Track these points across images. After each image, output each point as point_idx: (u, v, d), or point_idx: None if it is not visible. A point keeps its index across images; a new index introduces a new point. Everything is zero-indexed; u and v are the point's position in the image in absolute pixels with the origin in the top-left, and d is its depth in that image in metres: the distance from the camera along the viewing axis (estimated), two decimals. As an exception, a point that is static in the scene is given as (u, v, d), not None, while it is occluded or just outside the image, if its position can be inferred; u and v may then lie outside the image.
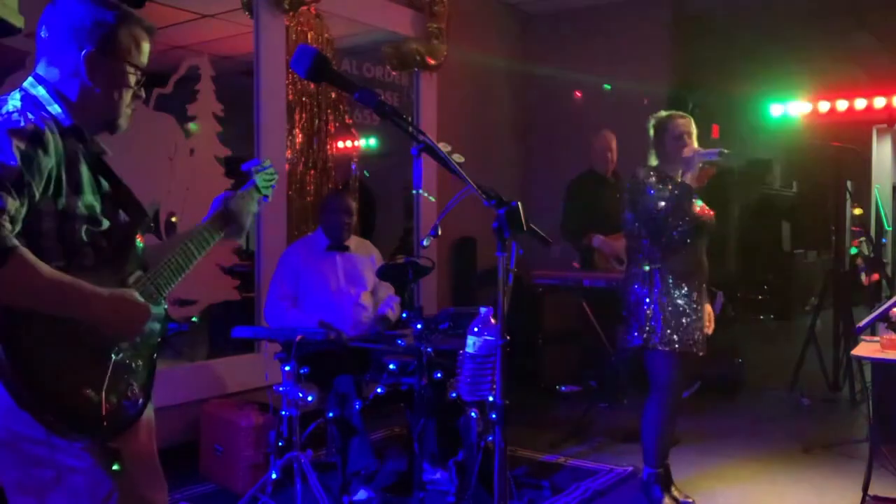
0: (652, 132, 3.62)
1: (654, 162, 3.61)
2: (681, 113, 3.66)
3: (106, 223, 1.71)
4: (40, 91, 1.69)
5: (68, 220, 1.63)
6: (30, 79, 1.73)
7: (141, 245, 1.80)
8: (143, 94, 1.83)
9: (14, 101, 1.64)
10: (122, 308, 1.63)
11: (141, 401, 1.72)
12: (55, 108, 1.67)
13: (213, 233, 1.97)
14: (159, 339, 1.81)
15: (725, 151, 3.42)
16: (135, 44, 1.76)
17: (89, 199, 1.68)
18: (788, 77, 6.08)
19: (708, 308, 3.70)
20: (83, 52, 1.68)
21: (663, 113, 3.64)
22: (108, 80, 1.73)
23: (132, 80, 1.77)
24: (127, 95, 1.78)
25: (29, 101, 1.66)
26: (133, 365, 1.71)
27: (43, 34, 1.72)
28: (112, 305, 1.61)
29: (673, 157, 3.54)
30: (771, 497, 3.92)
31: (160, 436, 1.86)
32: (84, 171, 1.68)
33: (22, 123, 1.56)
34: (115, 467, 1.62)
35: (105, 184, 1.77)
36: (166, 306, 1.82)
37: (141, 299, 1.67)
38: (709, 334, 3.63)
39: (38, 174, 1.54)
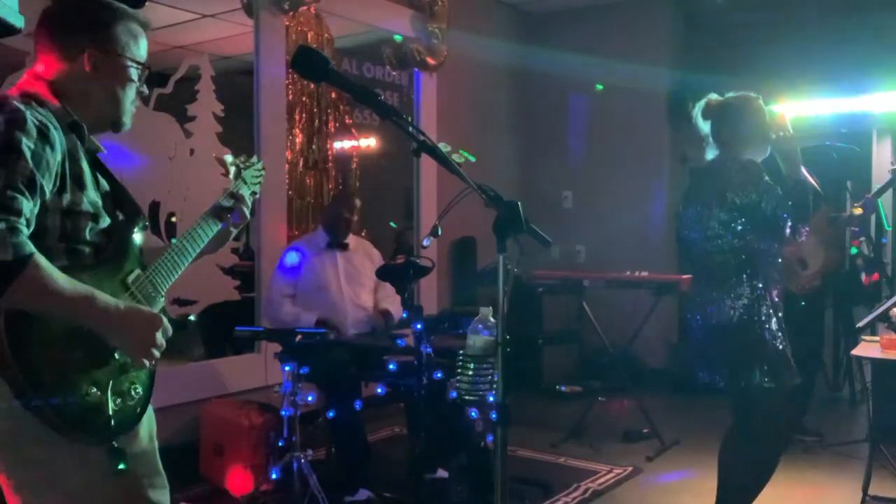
0: (724, 116, 2.98)
1: (713, 153, 2.99)
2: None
3: (107, 220, 1.71)
4: (39, 88, 1.68)
5: (73, 216, 1.62)
6: (27, 77, 1.72)
7: (139, 244, 1.80)
8: (146, 90, 1.84)
9: (15, 99, 1.62)
10: (136, 322, 1.60)
11: (143, 400, 1.72)
12: (55, 105, 1.67)
13: (206, 228, 1.96)
14: None
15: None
16: (133, 39, 1.77)
17: (92, 195, 1.67)
18: (789, 77, 6.07)
19: None
20: (84, 51, 1.69)
21: (731, 94, 3.01)
22: (110, 77, 1.74)
23: (134, 74, 1.78)
24: (130, 91, 1.79)
25: (29, 98, 1.65)
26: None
27: (41, 32, 1.72)
28: (126, 320, 1.58)
29: (758, 142, 2.94)
30: (771, 497, 3.90)
31: (160, 436, 1.86)
32: (85, 167, 1.68)
33: (28, 120, 1.54)
34: (120, 466, 1.61)
35: (103, 182, 1.77)
36: (164, 304, 1.81)
37: (153, 311, 1.65)
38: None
39: (48, 171, 1.54)
